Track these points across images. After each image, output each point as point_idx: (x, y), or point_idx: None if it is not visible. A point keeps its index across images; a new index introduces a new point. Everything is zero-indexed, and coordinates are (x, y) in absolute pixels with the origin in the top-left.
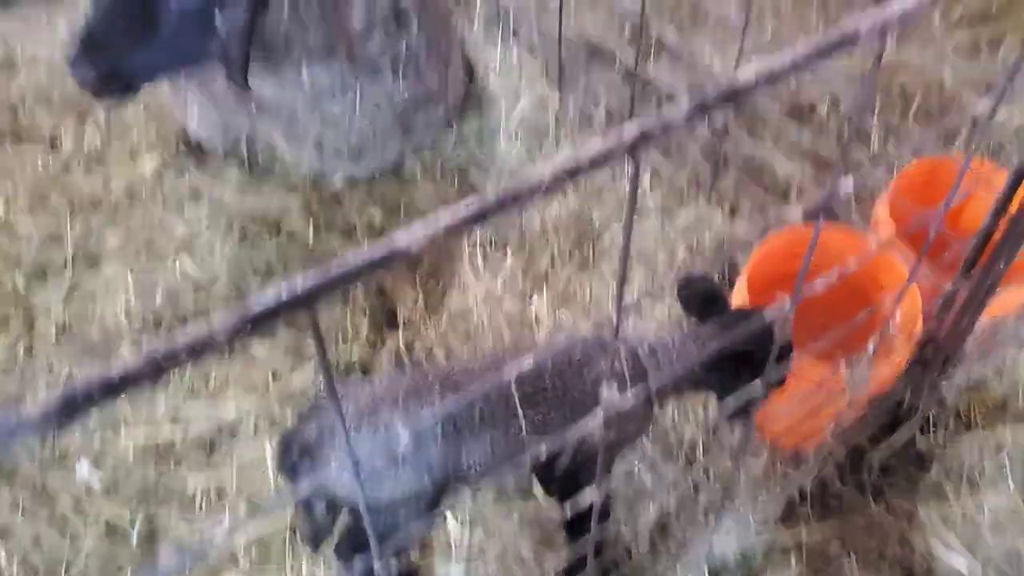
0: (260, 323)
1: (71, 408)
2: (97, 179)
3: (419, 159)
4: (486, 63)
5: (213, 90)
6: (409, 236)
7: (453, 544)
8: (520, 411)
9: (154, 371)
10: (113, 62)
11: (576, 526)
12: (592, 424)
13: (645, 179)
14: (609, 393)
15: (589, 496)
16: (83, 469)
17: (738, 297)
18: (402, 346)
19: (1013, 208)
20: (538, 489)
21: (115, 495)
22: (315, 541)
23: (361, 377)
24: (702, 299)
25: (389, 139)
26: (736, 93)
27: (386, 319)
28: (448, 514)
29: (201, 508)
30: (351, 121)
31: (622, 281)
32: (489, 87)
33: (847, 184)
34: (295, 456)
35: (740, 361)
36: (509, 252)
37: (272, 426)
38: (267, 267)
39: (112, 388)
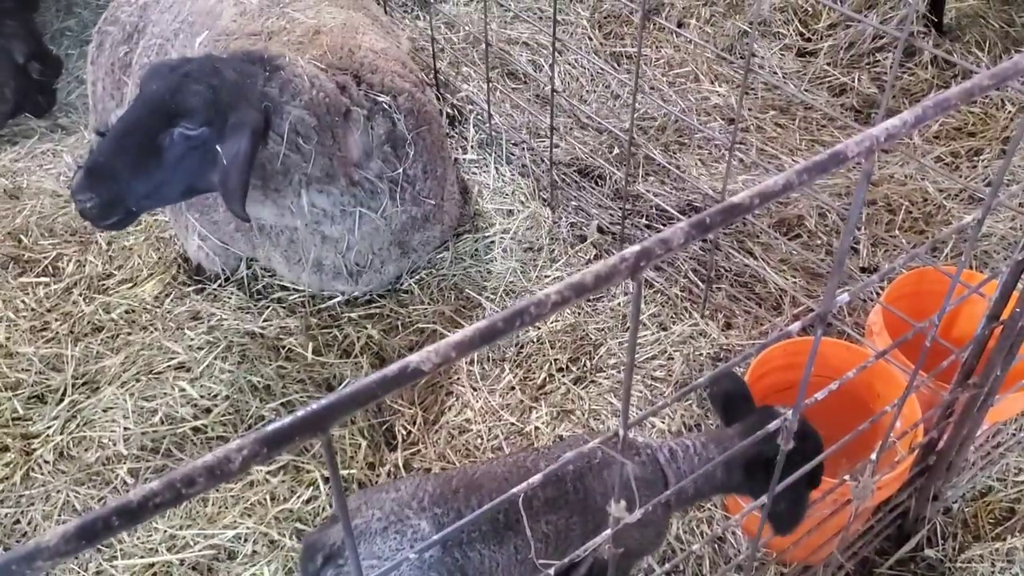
0: (276, 446)
1: (90, 534)
2: (98, 304)
3: (417, 278)
4: (481, 184)
5: (214, 217)
6: (422, 355)
7: None
8: (543, 517)
9: (174, 497)
10: (115, 191)
11: None
12: (602, 539)
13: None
14: (617, 509)
15: None
16: None
17: None
18: (401, 464)
19: (1005, 315)
20: None
21: None
22: None
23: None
24: (724, 399)
25: (387, 259)
26: (732, 212)
27: (384, 437)
28: None
29: None
30: (350, 243)
31: (627, 395)
32: (484, 207)
33: (842, 298)
34: (319, 562)
35: (770, 461)
36: (507, 366)
37: (271, 548)
38: (267, 388)
39: (132, 514)
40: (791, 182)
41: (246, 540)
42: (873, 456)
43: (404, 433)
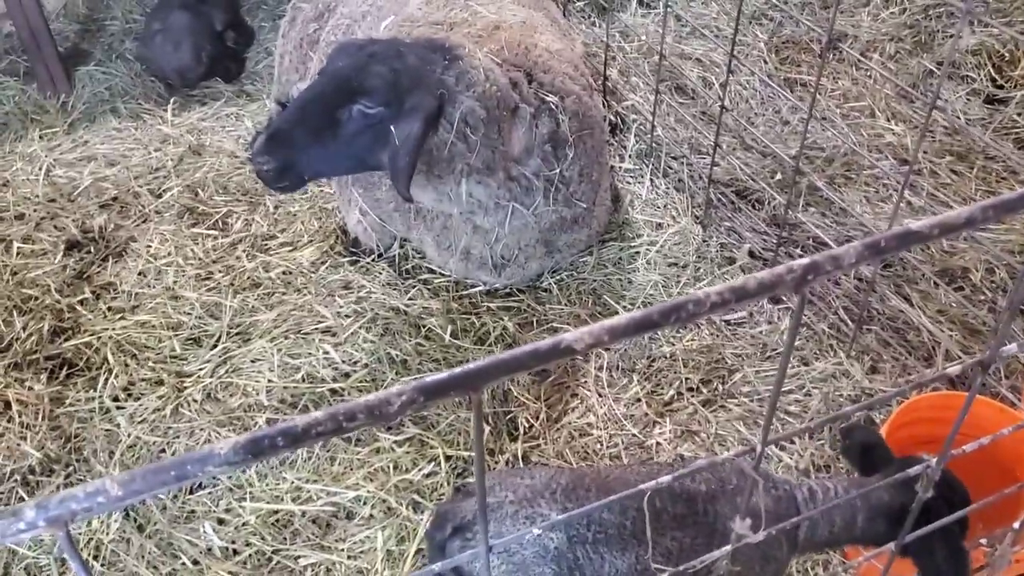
0: (432, 397)
1: (257, 449)
2: (258, 262)
3: (557, 277)
4: (633, 194)
5: (376, 195)
6: (575, 335)
7: None
8: (670, 532)
9: (335, 428)
10: (291, 157)
11: None
12: (721, 554)
13: (785, 322)
14: (741, 527)
15: None
16: (207, 530)
17: None
18: (520, 455)
19: None
20: None
21: (232, 559)
22: None
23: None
24: (862, 449)
25: (531, 256)
26: (909, 239)
27: (507, 427)
28: None
29: None
30: (498, 236)
31: (772, 407)
32: (633, 217)
33: (1010, 349)
34: (447, 532)
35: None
36: (635, 378)
37: (388, 515)
38: (404, 362)
39: (295, 438)
40: (975, 217)
41: (365, 503)
42: (1016, 524)
43: (526, 426)
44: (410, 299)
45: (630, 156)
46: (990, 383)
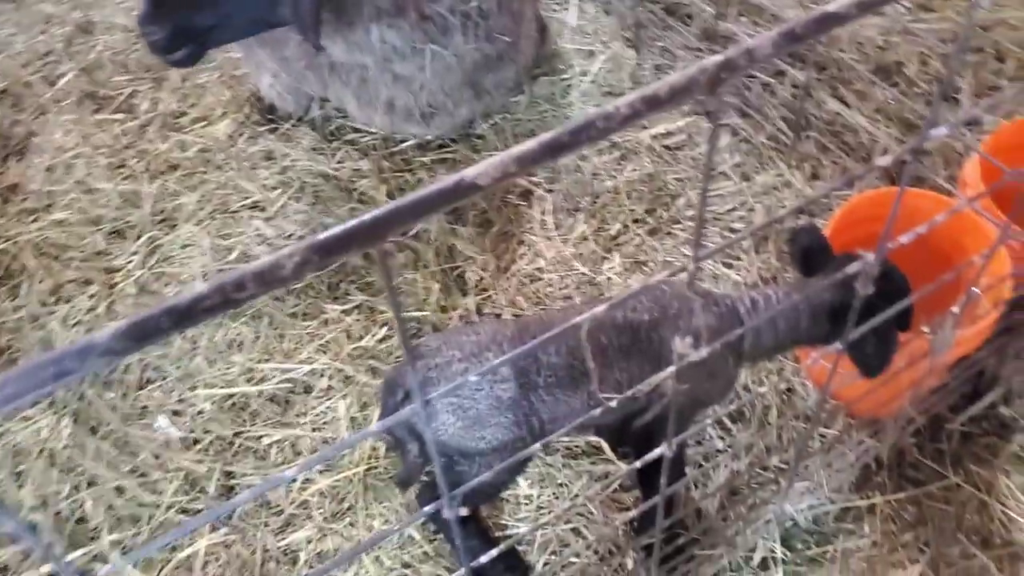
0: (329, 253)
1: (140, 333)
2: (173, 142)
3: (490, 122)
4: (560, 22)
5: (285, 53)
6: (479, 169)
7: (522, 501)
8: (616, 364)
9: (223, 301)
10: (183, 21)
11: (649, 480)
12: (665, 375)
13: (724, 140)
14: (683, 346)
15: (662, 450)
16: (163, 423)
17: None
18: (473, 309)
19: None
20: (609, 450)
21: (193, 448)
22: (404, 483)
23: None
24: (805, 251)
25: (459, 101)
26: (827, 21)
27: (457, 284)
28: None
29: (276, 462)
30: (421, 83)
31: (699, 225)
32: (562, 47)
33: (939, 132)
34: (399, 396)
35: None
36: (581, 217)
37: (346, 383)
38: None
39: (181, 315)
40: None
41: (322, 375)
42: (955, 309)
43: (476, 279)
44: (338, 163)
45: None
46: (928, 176)
